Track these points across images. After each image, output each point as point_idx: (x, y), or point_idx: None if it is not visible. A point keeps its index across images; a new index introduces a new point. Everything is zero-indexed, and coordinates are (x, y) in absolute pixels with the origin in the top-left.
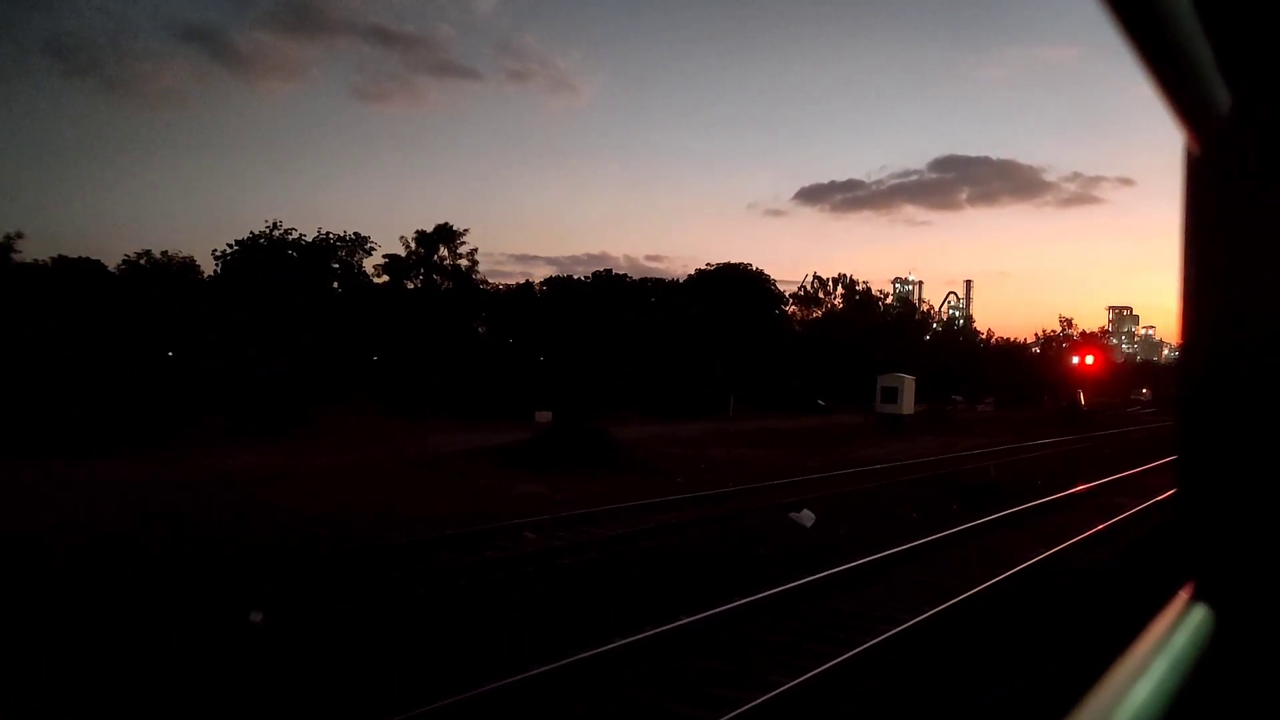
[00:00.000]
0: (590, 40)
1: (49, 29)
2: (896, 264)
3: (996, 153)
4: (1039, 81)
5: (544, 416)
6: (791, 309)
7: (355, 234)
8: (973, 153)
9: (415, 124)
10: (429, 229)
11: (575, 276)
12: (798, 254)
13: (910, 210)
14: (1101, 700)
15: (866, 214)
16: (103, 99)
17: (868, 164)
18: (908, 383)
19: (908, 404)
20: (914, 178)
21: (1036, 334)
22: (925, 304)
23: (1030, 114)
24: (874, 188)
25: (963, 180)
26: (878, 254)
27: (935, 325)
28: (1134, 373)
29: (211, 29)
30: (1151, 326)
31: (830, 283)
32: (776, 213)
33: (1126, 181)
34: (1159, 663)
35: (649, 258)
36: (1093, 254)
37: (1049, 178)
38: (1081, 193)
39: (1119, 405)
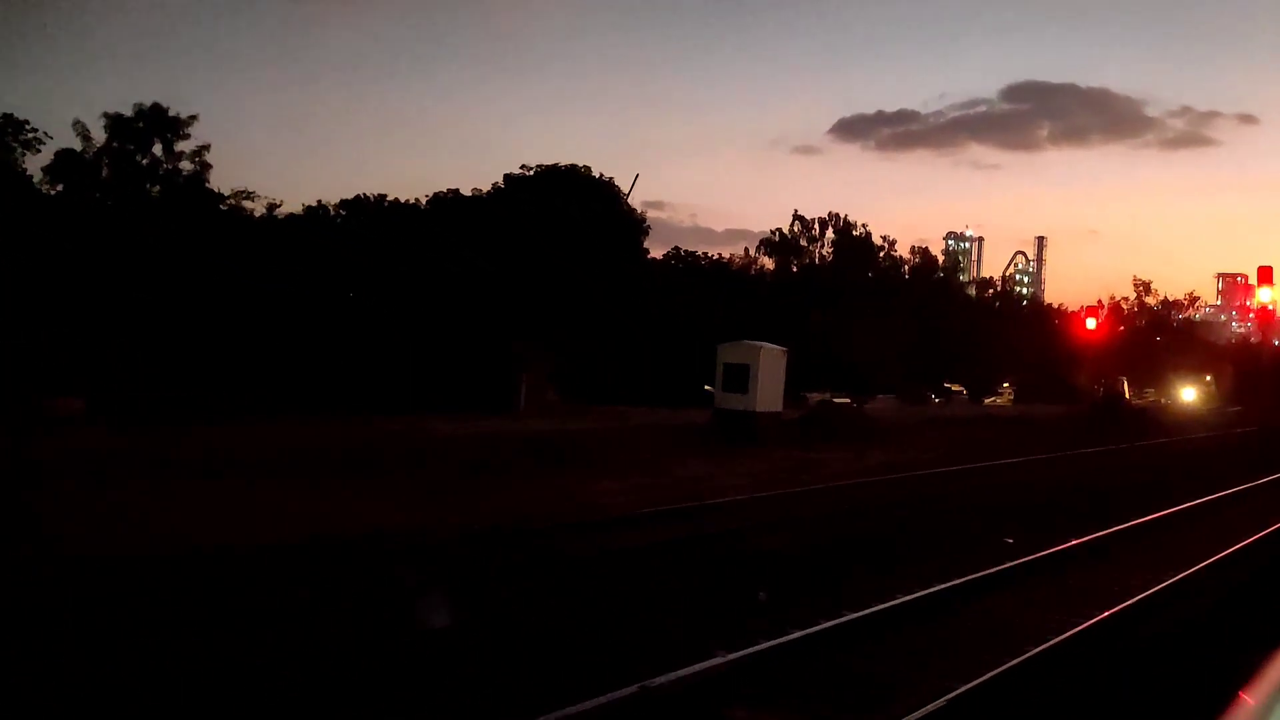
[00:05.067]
0: None
1: None
2: (957, 216)
3: (1086, 79)
4: None
5: (71, 406)
6: (758, 260)
7: (6, 115)
8: (1056, 79)
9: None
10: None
11: (394, 199)
12: (834, 201)
13: (976, 150)
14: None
15: (921, 154)
16: None
17: (924, 91)
18: (766, 357)
19: (766, 394)
20: (982, 109)
21: (1100, 302)
22: (941, 257)
23: (1129, 31)
24: (931, 121)
25: (1042, 113)
26: (933, 203)
27: (990, 291)
28: (1233, 357)
29: None
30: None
31: (817, 225)
32: (808, 150)
33: (1248, 119)
34: None
35: (646, 204)
36: (1204, 209)
37: (1151, 112)
38: (1191, 132)
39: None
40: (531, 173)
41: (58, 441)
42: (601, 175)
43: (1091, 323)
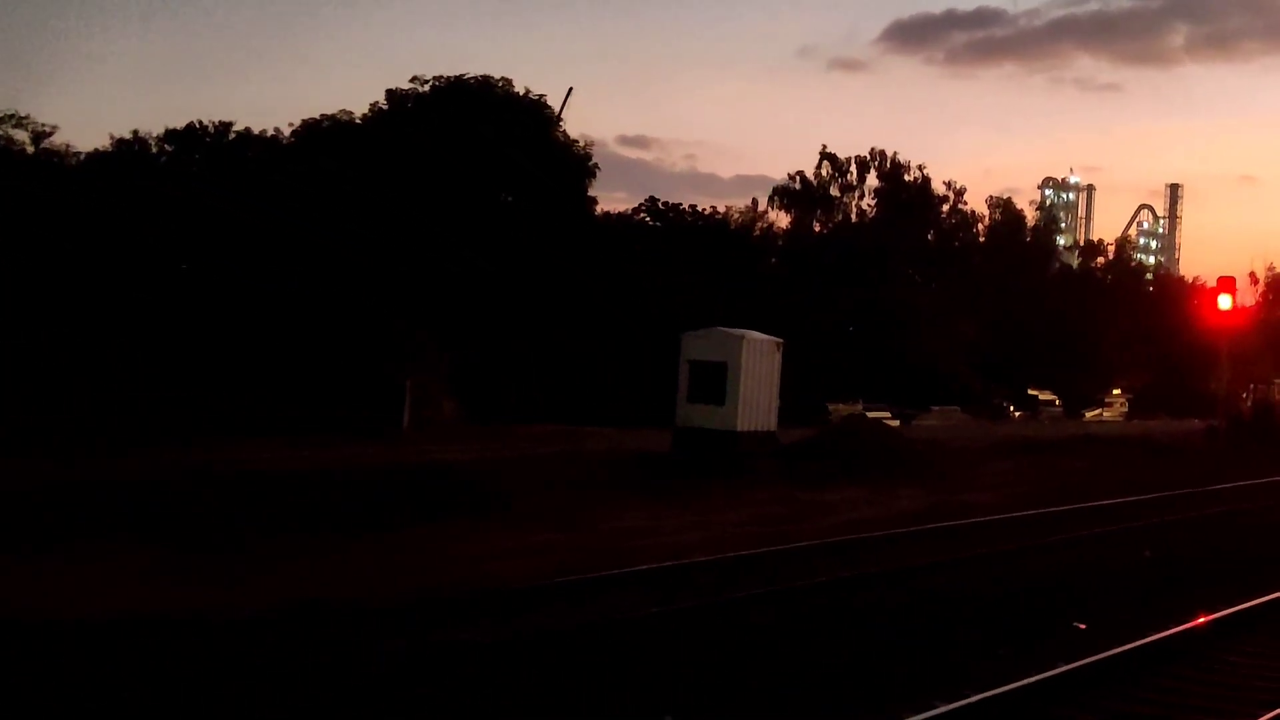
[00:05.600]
0: None
1: None
2: (1057, 157)
3: None
4: None
5: None
6: (767, 215)
7: None
8: None
9: None
10: None
11: (245, 129)
12: (884, 134)
13: (1085, 64)
14: None
15: (1009, 69)
16: None
17: None
18: (751, 351)
19: (752, 405)
20: (1093, 7)
21: (1252, 275)
22: (1031, 214)
23: None
24: (1023, 24)
25: (1177, 13)
26: (1023, 138)
27: (1101, 260)
28: None
29: None
30: None
31: (854, 167)
32: (851, 64)
33: None
34: None
35: (624, 140)
36: None
37: None
38: None
39: None
40: (425, 88)
41: None
42: (528, 92)
43: (1226, 301)
